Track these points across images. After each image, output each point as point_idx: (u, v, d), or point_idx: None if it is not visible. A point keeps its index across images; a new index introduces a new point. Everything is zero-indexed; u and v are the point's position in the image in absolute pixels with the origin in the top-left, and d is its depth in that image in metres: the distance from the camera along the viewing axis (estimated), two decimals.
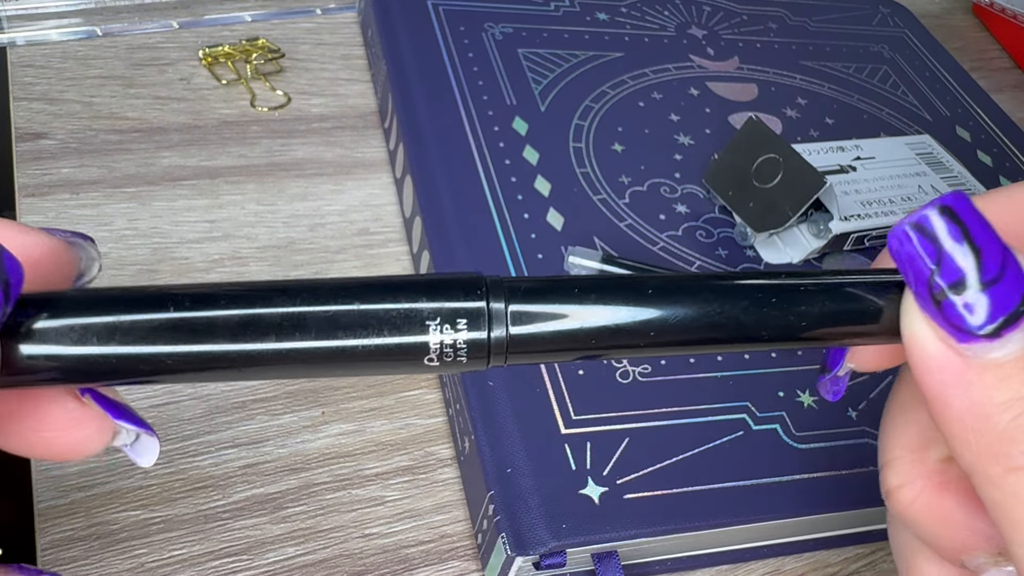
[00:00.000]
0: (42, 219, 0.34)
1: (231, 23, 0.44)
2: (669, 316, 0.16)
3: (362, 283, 0.15)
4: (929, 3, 0.61)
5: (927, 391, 0.16)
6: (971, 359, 0.15)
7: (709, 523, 0.28)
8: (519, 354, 0.16)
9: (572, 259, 0.33)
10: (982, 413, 0.15)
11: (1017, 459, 0.14)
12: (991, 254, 0.14)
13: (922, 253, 0.15)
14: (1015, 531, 0.15)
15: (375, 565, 0.28)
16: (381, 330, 0.15)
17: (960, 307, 0.14)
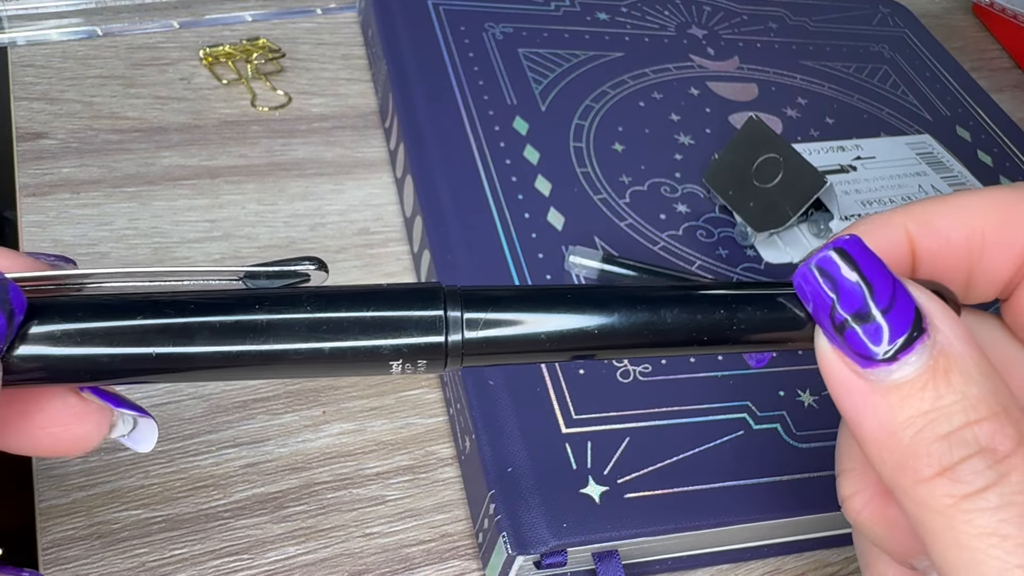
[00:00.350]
0: (43, 218, 0.34)
1: (231, 23, 0.44)
2: (613, 323, 0.18)
3: (336, 292, 0.17)
4: (929, 3, 0.61)
5: (843, 414, 0.17)
6: (874, 382, 0.16)
7: (709, 523, 0.28)
8: (474, 356, 0.17)
9: (573, 259, 0.33)
10: (889, 431, 0.16)
11: (923, 471, 0.16)
12: (882, 287, 0.16)
13: (823, 289, 0.16)
14: (932, 539, 0.16)
15: (376, 564, 0.28)
16: (349, 334, 0.17)
17: (859, 335, 0.16)
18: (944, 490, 0.15)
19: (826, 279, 0.16)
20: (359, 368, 0.17)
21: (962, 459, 0.15)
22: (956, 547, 0.15)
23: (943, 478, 0.15)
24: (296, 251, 0.36)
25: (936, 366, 0.16)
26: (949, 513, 0.15)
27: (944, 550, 0.16)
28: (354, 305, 0.17)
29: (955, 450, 0.15)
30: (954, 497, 0.15)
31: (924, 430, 0.16)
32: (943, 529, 0.15)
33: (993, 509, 0.15)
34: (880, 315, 0.16)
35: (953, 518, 0.15)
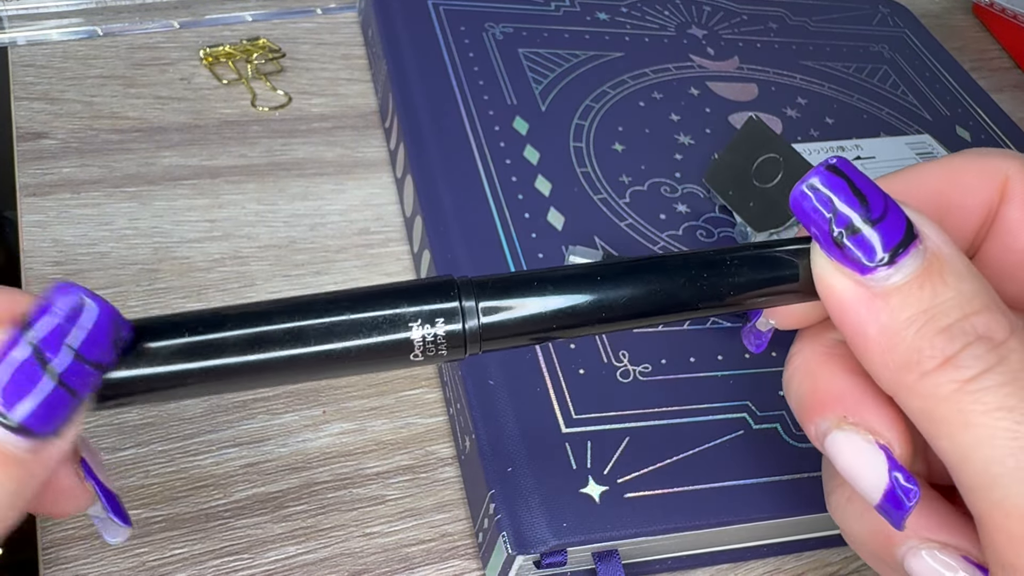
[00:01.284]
0: (43, 218, 0.34)
1: (232, 23, 0.44)
2: (617, 297, 0.18)
3: (352, 295, 0.18)
4: (929, 3, 0.62)
5: (846, 330, 0.18)
6: (875, 288, 0.17)
7: (709, 522, 0.28)
8: (492, 340, 0.18)
9: (572, 259, 0.33)
10: (892, 332, 0.17)
11: (927, 364, 0.17)
12: (874, 199, 0.17)
13: (819, 206, 0.17)
14: (940, 428, 0.17)
15: (376, 564, 0.28)
16: (371, 333, 0.17)
17: (858, 244, 0.17)
18: (949, 376, 0.17)
19: (822, 195, 0.17)
20: (382, 365, 0.18)
21: (963, 347, 0.17)
22: (965, 427, 0.16)
23: (947, 366, 0.17)
24: (296, 251, 0.36)
25: (930, 267, 0.17)
26: (956, 397, 0.16)
27: (954, 433, 0.17)
28: (372, 304, 0.17)
29: (956, 340, 0.17)
30: (959, 382, 0.16)
31: (925, 326, 0.17)
32: (951, 414, 0.17)
33: (997, 386, 0.16)
34: (876, 223, 0.17)
35: (960, 401, 0.16)
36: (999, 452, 0.16)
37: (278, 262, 0.35)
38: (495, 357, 0.30)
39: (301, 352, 0.17)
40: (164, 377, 0.17)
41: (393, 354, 0.18)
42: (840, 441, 0.19)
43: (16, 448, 0.15)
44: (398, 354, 0.18)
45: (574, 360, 0.31)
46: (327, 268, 0.35)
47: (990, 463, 0.16)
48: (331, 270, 0.35)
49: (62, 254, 0.33)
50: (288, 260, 0.35)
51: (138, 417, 0.30)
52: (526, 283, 0.18)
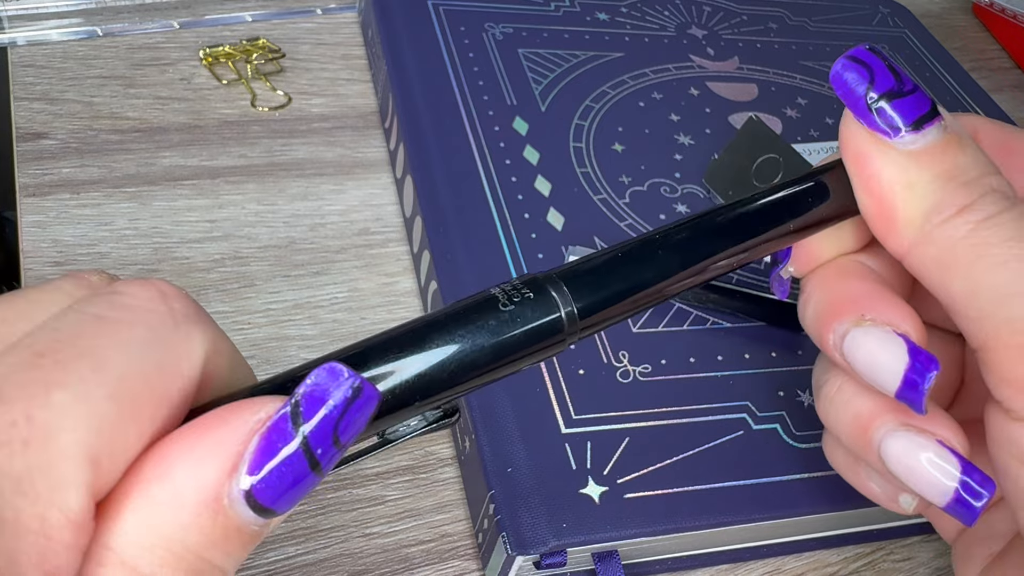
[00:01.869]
0: (43, 218, 0.34)
1: (232, 23, 0.44)
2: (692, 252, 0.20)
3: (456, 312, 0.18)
4: (929, 3, 0.61)
5: (872, 193, 0.20)
6: (903, 148, 0.19)
7: (709, 523, 0.28)
8: (589, 328, 0.19)
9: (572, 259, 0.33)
10: (915, 185, 0.19)
11: (946, 211, 0.19)
12: (906, 76, 0.20)
13: (858, 76, 0.20)
14: (956, 267, 0.19)
15: (375, 564, 0.28)
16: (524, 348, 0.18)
17: (891, 111, 0.19)
18: (965, 219, 0.18)
19: (861, 66, 0.20)
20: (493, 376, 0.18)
21: (980, 195, 0.19)
22: (981, 257, 0.18)
23: (965, 212, 0.19)
24: (296, 251, 0.36)
25: (951, 138, 0.19)
26: (971, 235, 0.18)
27: (970, 266, 0.18)
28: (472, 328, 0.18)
29: (973, 191, 0.19)
30: (975, 222, 0.18)
31: (948, 181, 0.19)
32: (966, 250, 0.18)
33: (1011, 221, 0.18)
34: (907, 94, 0.19)
35: (975, 235, 0.18)
36: (1011, 275, 0.18)
37: (278, 262, 0.35)
38: None
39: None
40: None
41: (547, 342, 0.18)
42: (859, 336, 0.20)
43: (257, 526, 0.15)
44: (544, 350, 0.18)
45: (574, 360, 0.31)
46: (327, 268, 0.35)
47: (1002, 286, 0.18)
48: (331, 270, 0.35)
49: (62, 254, 0.33)
50: (288, 260, 0.35)
51: None
52: (610, 265, 0.20)
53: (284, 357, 0.32)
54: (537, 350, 0.18)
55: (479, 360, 0.17)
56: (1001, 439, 0.19)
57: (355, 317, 0.34)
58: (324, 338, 0.33)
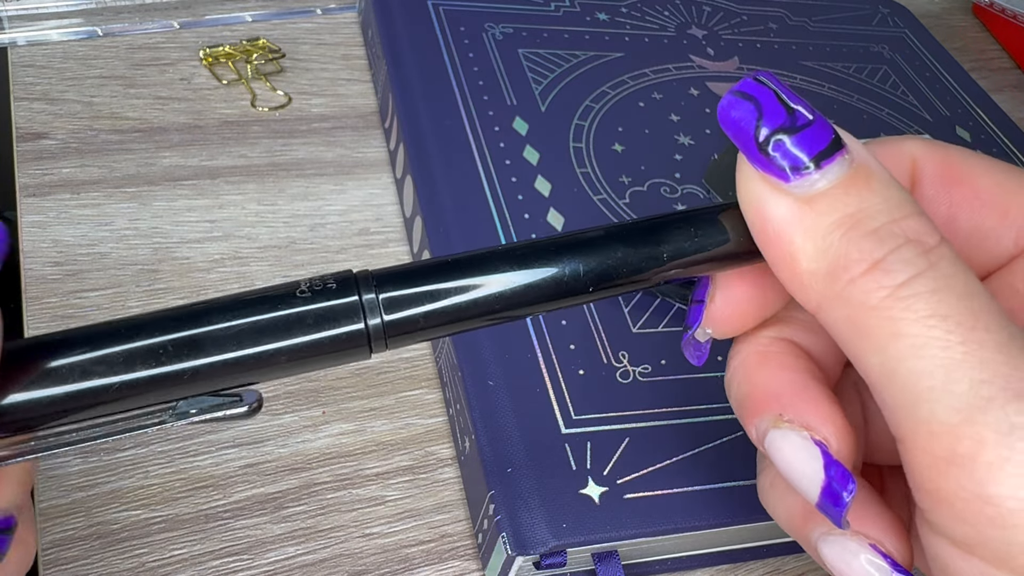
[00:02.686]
0: (43, 219, 0.34)
1: (232, 23, 0.44)
2: (535, 279, 0.17)
3: (254, 297, 0.17)
4: (929, 3, 0.62)
5: (771, 246, 0.17)
6: (800, 194, 0.17)
7: (709, 523, 0.28)
8: (397, 337, 0.17)
9: None
10: (818, 237, 0.16)
11: (854, 269, 0.16)
12: (802, 106, 0.17)
13: (744, 114, 0.17)
14: (870, 340, 0.16)
15: (375, 565, 0.28)
16: (283, 335, 0.17)
17: (783, 151, 0.17)
18: (877, 283, 0.16)
19: (748, 100, 0.17)
20: (296, 368, 0.17)
21: (892, 250, 0.16)
22: (895, 337, 0.15)
23: (876, 271, 0.16)
24: (296, 251, 0.36)
25: (857, 174, 0.16)
26: (885, 304, 0.16)
27: (883, 344, 0.16)
28: (277, 305, 0.17)
29: (884, 243, 0.16)
30: (888, 287, 0.16)
31: (852, 229, 0.16)
32: (880, 323, 0.16)
33: (929, 292, 0.15)
34: (801, 130, 0.17)
35: (889, 308, 0.15)
36: (928, 364, 0.15)
37: (278, 262, 0.35)
38: (495, 357, 0.30)
39: (216, 359, 0.16)
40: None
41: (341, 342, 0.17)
42: (777, 439, 0.18)
43: None
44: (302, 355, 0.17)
45: (574, 360, 0.31)
46: (327, 268, 0.35)
47: (919, 376, 0.15)
48: (331, 270, 0.35)
49: (62, 254, 0.33)
50: (288, 260, 0.35)
51: None
52: (431, 271, 0.17)
53: None
54: (331, 341, 0.17)
55: (265, 343, 0.16)
56: (927, 549, 0.17)
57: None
58: None
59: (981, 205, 0.19)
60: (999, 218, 0.19)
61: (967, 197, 0.19)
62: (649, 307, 0.33)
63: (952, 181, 0.19)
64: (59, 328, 0.17)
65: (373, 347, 0.17)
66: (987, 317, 0.15)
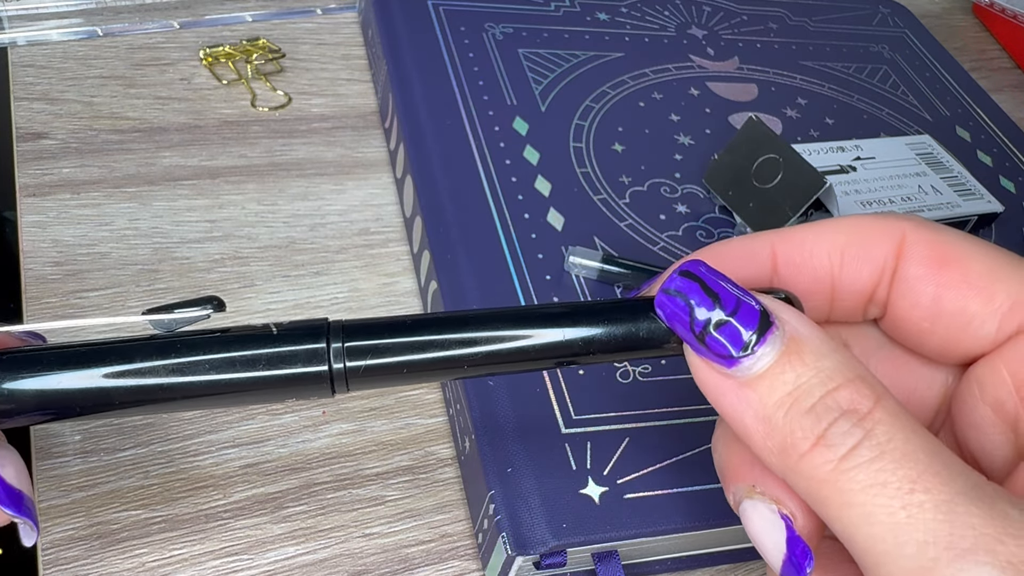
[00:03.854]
0: (43, 219, 0.34)
1: (232, 23, 0.44)
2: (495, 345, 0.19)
3: (232, 338, 0.19)
4: (929, 3, 0.62)
5: (725, 417, 0.18)
6: (742, 378, 0.18)
7: (709, 523, 0.28)
8: (359, 380, 0.19)
9: (573, 259, 0.33)
10: (764, 418, 0.18)
11: (800, 446, 0.17)
12: (726, 295, 0.18)
13: (678, 308, 0.18)
14: (826, 508, 0.17)
15: (376, 564, 0.28)
16: (249, 367, 0.19)
17: (718, 339, 0.18)
18: (823, 457, 0.17)
19: (678, 299, 0.19)
20: (258, 399, 0.19)
21: (829, 424, 0.17)
22: (847, 506, 0.16)
23: (819, 447, 0.17)
24: (296, 251, 0.36)
25: (789, 350, 0.18)
26: (832, 477, 0.17)
27: (838, 513, 0.17)
28: (249, 344, 0.19)
29: (822, 418, 0.17)
30: (832, 461, 0.17)
31: (792, 408, 0.17)
32: (832, 494, 0.17)
33: (868, 462, 0.16)
34: (730, 318, 0.18)
35: (836, 481, 0.17)
36: (878, 530, 0.16)
37: (278, 262, 0.35)
38: None
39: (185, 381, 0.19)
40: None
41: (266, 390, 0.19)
42: (748, 509, 0.19)
43: None
44: (271, 390, 0.19)
45: None
46: (327, 268, 0.35)
47: (873, 541, 0.16)
48: (331, 270, 0.35)
49: (62, 254, 0.33)
50: (288, 260, 0.35)
51: (138, 418, 0.30)
52: (397, 327, 0.20)
53: None
54: (295, 378, 0.19)
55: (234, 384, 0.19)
56: None
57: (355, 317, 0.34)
58: None
59: (968, 288, 0.20)
60: (984, 302, 0.20)
61: (955, 280, 0.20)
62: None
63: (942, 263, 0.20)
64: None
65: (335, 388, 0.19)
66: (927, 478, 0.16)
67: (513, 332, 0.19)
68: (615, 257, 0.34)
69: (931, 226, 0.21)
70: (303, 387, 0.19)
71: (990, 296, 0.19)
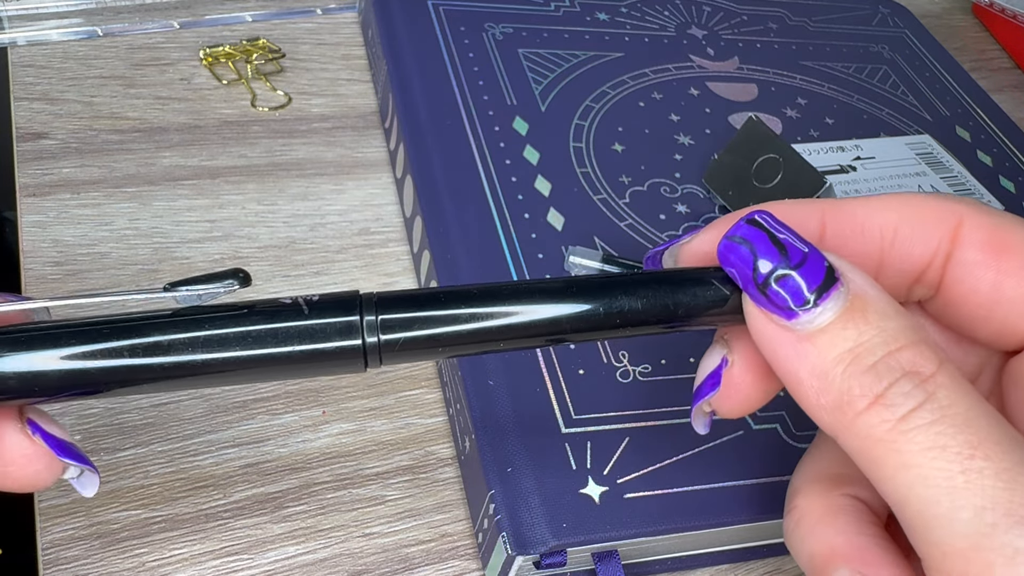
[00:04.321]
0: (43, 218, 0.34)
1: (232, 23, 0.44)
2: (531, 316, 0.19)
3: (268, 308, 0.19)
4: (929, 3, 0.62)
5: (781, 376, 0.18)
6: (800, 331, 0.18)
7: (709, 523, 0.28)
8: (394, 355, 0.19)
9: (573, 259, 0.33)
10: (821, 373, 0.17)
11: (857, 404, 0.17)
12: (792, 247, 0.18)
13: (742, 256, 0.18)
14: (879, 469, 0.17)
15: (376, 564, 0.28)
16: (283, 342, 0.18)
17: (781, 291, 0.18)
18: (880, 417, 0.17)
19: (743, 247, 0.18)
20: (290, 373, 0.19)
21: (890, 384, 0.17)
22: (903, 468, 0.16)
23: (877, 406, 0.17)
24: (296, 251, 0.36)
25: (853, 307, 0.17)
26: (890, 437, 0.17)
27: (893, 474, 0.17)
28: (286, 316, 0.18)
29: (883, 377, 0.17)
30: (891, 421, 0.17)
31: (852, 365, 0.17)
32: (888, 454, 0.17)
33: (928, 424, 0.16)
34: (795, 270, 0.18)
35: (894, 441, 0.16)
36: (934, 492, 0.16)
37: (278, 262, 0.35)
38: (495, 357, 0.30)
39: (221, 356, 0.18)
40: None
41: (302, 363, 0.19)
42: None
43: None
44: (305, 361, 0.19)
45: (574, 360, 0.31)
46: (327, 268, 0.35)
47: (928, 503, 0.16)
48: (331, 270, 0.35)
49: (62, 254, 0.33)
50: (288, 260, 0.35)
51: (138, 417, 0.30)
52: (431, 298, 0.19)
53: None
54: (330, 353, 0.18)
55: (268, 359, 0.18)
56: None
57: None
58: None
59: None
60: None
61: (1016, 267, 0.20)
62: None
63: (1001, 249, 0.20)
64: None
65: (368, 361, 0.19)
66: (987, 445, 0.16)
67: (548, 306, 0.19)
68: (615, 257, 0.34)
69: (989, 211, 0.20)
70: (336, 362, 0.18)
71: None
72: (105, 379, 0.18)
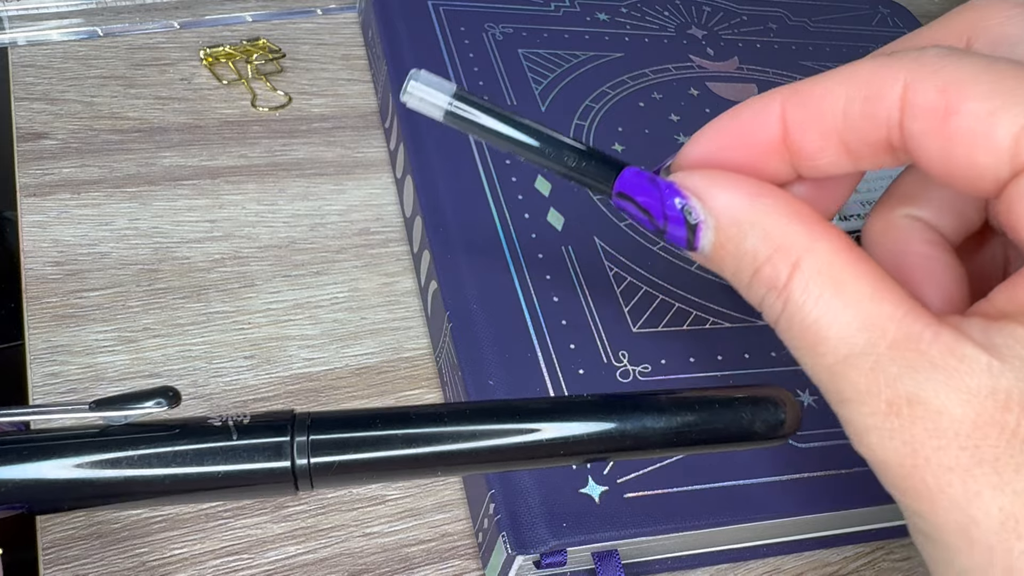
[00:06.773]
0: (43, 218, 0.34)
1: (232, 23, 0.44)
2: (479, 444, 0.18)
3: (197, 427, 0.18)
4: (929, 3, 0.62)
5: None
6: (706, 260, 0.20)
7: (709, 522, 0.28)
8: (324, 478, 0.18)
9: (413, 86, 0.21)
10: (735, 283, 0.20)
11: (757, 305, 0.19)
12: (654, 207, 0.20)
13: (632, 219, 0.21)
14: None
15: (376, 564, 0.28)
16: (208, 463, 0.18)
17: (675, 245, 0.20)
18: (769, 320, 0.19)
19: (627, 212, 0.21)
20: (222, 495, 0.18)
21: (760, 302, 0.19)
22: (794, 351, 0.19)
23: (764, 312, 0.19)
24: (296, 251, 0.36)
25: (717, 241, 0.19)
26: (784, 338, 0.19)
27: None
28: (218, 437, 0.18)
29: (757, 294, 0.19)
30: (773, 323, 0.19)
31: (738, 286, 0.19)
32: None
33: (786, 331, 0.18)
34: (665, 228, 0.20)
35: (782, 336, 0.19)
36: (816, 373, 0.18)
37: (278, 262, 0.35)
38: (495, 357, 0.30)
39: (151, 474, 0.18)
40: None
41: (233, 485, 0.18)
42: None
43: None
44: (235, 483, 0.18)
45: (574, 360, 0.31)
46: (327, 268, 0.35)
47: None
48: (331, 270, 0.35)
49: (62, 254, 0.33)
50: (288, 260, 0.35)
51: None
52: (366, 422, 0.18)
53: (284, 357, 0.32)
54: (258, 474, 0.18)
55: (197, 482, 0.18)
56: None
57: (355, 317, 0.34)
58: (325, 338, 0.33)
59: (973, 136, 0.18)
60: (988, 151, 0.18)
61: (960, 129, 0.18)
62: (649, 307, 0.33)
63: (947, 112, 0.18)
64: (58, 328, 0.17)
65: (299, 486, 0.18)
66: (829, 343, 0.18)
67: (491, 428, 0.18)
68: (476, 100, 0.21)
69: (936, 67, 0.19)
70: (264, 484, 0.18)
71: (992, 140, 0.18)
72: (22, 499, 0.17)
